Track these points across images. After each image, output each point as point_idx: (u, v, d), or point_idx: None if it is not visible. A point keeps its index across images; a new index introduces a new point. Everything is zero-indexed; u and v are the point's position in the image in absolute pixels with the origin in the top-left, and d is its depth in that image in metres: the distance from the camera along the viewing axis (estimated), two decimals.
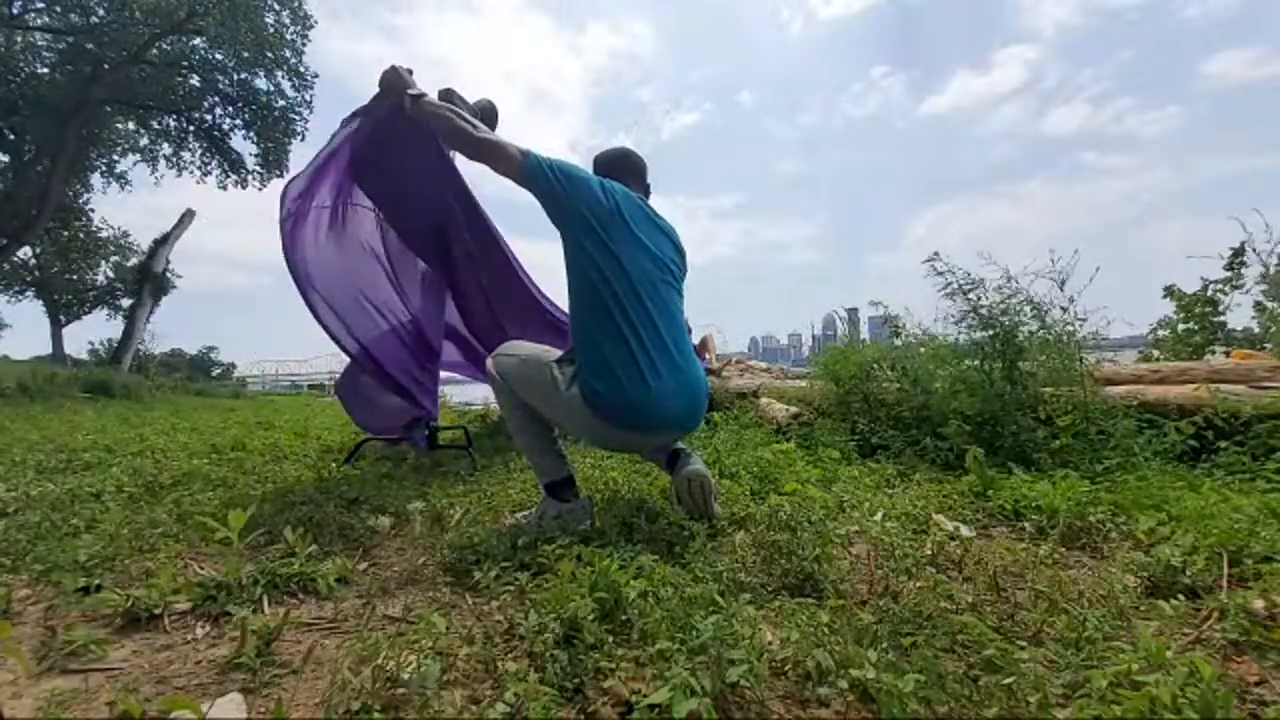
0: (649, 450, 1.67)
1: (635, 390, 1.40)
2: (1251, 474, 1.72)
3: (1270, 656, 0.85)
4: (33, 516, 1.45)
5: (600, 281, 1.44)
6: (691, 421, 1.57)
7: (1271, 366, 2.17)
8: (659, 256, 1.55)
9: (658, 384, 1.42)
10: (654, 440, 1.56)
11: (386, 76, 1.89)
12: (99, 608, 0.97)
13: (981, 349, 2.47)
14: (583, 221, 1.46)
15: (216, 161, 15.10)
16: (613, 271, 1.44)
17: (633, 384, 1.40)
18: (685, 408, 1.50)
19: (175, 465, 2.18)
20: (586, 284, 1.45)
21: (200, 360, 25.75)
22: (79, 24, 12.43)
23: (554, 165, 1.52)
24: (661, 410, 1.44)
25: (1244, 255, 3.49)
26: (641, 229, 1.53)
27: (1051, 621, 0.95)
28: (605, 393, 1.41)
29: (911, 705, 0.69)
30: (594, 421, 1.45)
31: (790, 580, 1.12)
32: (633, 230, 1.51)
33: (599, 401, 1.42)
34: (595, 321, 1.44)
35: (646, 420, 1.44)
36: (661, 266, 1.54)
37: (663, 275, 1.54)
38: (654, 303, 1.47)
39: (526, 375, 1.55)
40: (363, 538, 1.37)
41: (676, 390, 1.46)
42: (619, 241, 1.47)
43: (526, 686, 0.72)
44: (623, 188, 1.57)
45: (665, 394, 1.44)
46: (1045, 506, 1.55)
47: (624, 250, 1.47)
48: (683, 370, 1.49)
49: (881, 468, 2.22)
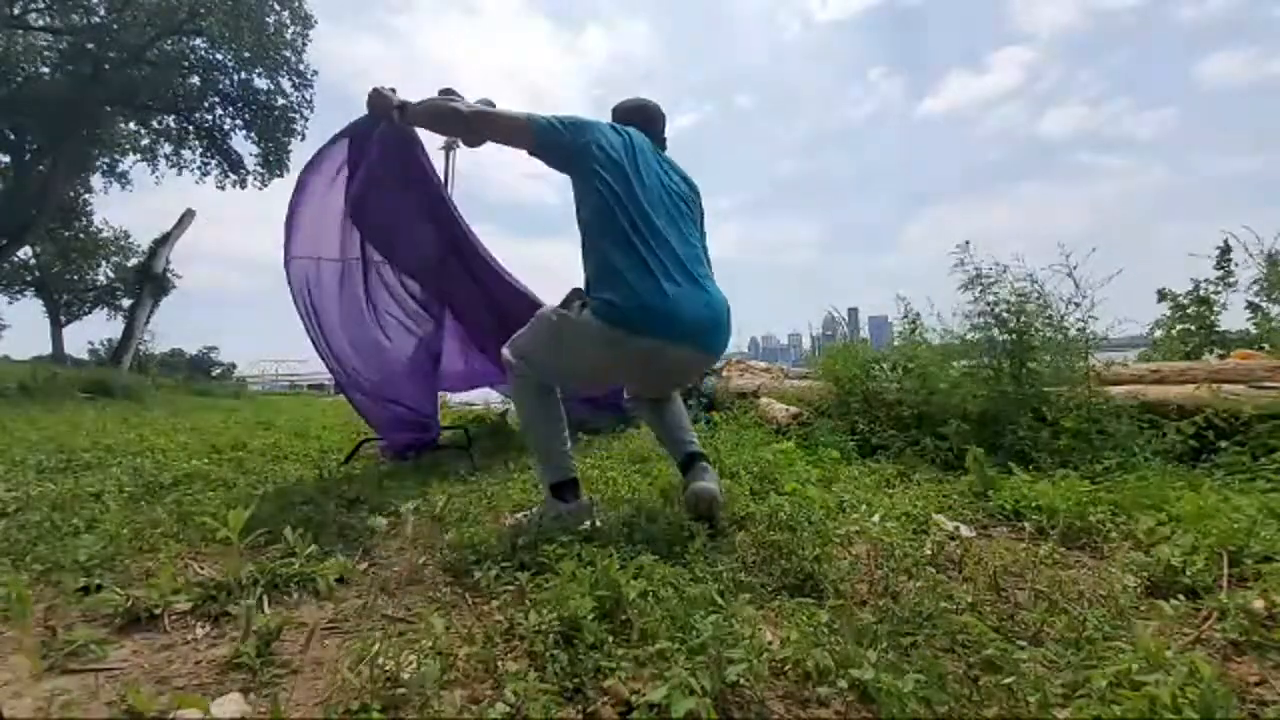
0: (667, 415, 1.62)
1: (651, 294, 1.37)
2: (1251, 474, 1.72)
3: (1270, 656, 0.85)
4: (33, 516, 1.44)
5: (614, 201, 1.42)
6: (714, 339, 1.49)
7: (1271, 366, 2.17)
8: (674, 189, 1.54)
9: (675, 290, 1.39)
10: (676, 356, 1.45)
11: (371, 100, 1.92)
12: (99, 608, 0.97)
13: (994, 346, 2.47)
14: (595, 156, 1.45)
15: (216, 161, 15.10)
16: (627, 194, 1.43)
17: (648, 289, 1.37)
18: (707, 319, 1.45)
19: (175, 465, 2.18)
20: (599, 209, 1.43)
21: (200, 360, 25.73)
22: (79, 24, 12.43)
23: (560, 119, 1.50)
24: (681, 315, 1.39)
25: (1231, 253, 3.49)
26: (656, 165, 1.53)
27: (1051, 621, 0.95)
28: (620, 300, 1.37)
29: (911, 705, 0.69)
30: (610, 339, 1.39)
31: (790, 580, 1.12)
32: (648, 162, 1.51)
33: (614, 312, 1.37)
34: (609, 239, 1.41)
35: (666, 325, 1.38)
36: (676, 198, 1.53)
37: (678, 206, 1.52)
38: (670, 225, 1.46)
39: (535, 334, 1.54)
40: (363, 538, 1.37)
41: (695, 300, 1.42)
42: (633, 172, 1.46)
43: (526, 686, 0.72)
44: (639, 131, 1.57)
45: (684, 299, 1.40)
46: (1045, 506, 1.55)
47: (638, 179, 1.46)
48: (703, 287, 1.45)
49: (881, 468, 2.22)
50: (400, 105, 1.82)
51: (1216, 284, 3.61)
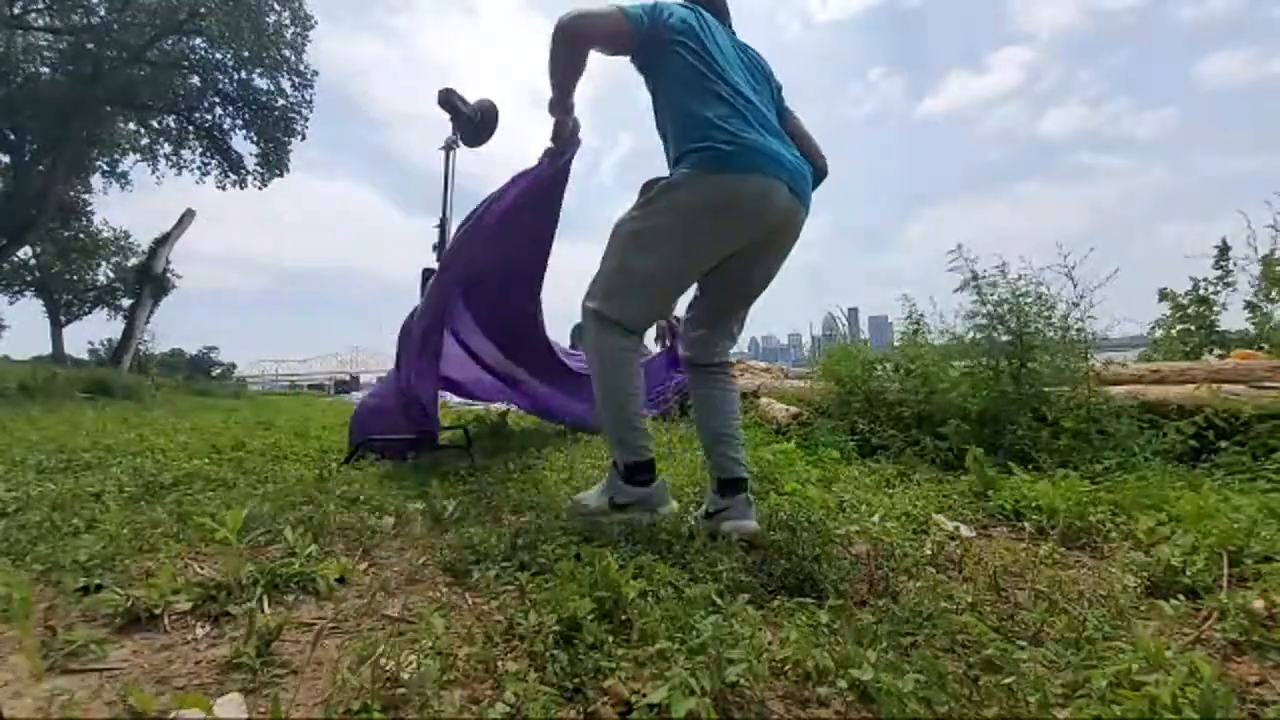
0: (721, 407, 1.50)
1: (750, 135, 1.35)
2: (1251, 474, 1.72)
3: (1270, 656, 0.85)
4: (33, 516, 1.44)
5: (699, 64, 1.40)
6: (808, 188, 1.45)
7: (1271, 366, 2.17)
8: (751, 63, 1.53)
9: (764, 138, 1.37)
10: (781, 206, 1.38)
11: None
12: (99, 608, 0.97)
13: (994, 346, 2.47)
14: (674, 28, 1.43)
15: (216, 161, 15.12)
16: (709, 59, 1.41)
17: (746, 131, 1.35)
18: (801, 166, 1.42)
19: (175, 465, 2.18)
20: (685, 78, 1.41)
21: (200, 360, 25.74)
22: (79, 24, 12.44)
23: (640, 7, 1.46)
24: (780, 156, 1.37)
25: (1229, 252, 3.50)
26: (728, 40, 1.53)
27: (1051, 621, 0.95)
28: (722, 141, 1.33)
29: (911, 705, 0.69)
30: (713, 188, 1.33)
31: (790, 580, 1.12)
32: (722, 35, 1.51)
33: (718, 156, 1.33)
34: (698, 100, 1.39)
35: (772, 162, 1.35)
36: (754, 69, 1.52)
37: (755, 76, 1.52)
38: (752, 92, 1.45)
39: (610, 259, 1.46)
40: (363, 538, 1.37)
41: (787, 148, 1.41)
42: (709, 40, 1.45)
43: (526, 686, 0.72)
44: (705, 10, 1.55)
45: (778, 145, 1.39)
46: (1045, 506, 1.55)
47: (715, 47, 1.45)
48: (790, 146, 1.44)
49: (881, 468, 2.22)
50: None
51: (1215, 284, 3.62)
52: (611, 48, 1.48)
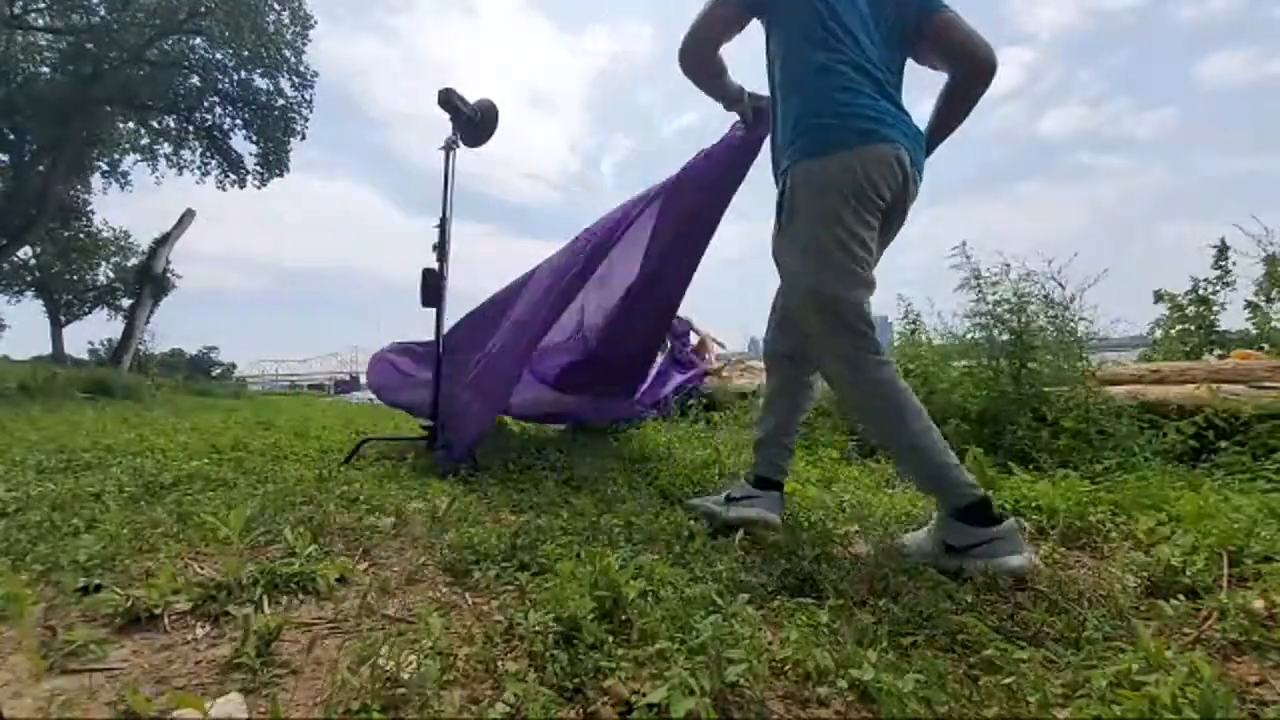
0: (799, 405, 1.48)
1: (873, 100, 1.31)
2: (1251, 474, 1.72)
3: (1270, 656, 0.85)
4: (33, 516, 1.44)
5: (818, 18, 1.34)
6: (923, 159, 1.41)
7: (1271, 366, 2.17)
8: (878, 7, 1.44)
9: (889, 104, 1.34)
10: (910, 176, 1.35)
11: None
12: (99, 608, 0.97)
13: (994, 346, 2.48)
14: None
15: (216, 161, 15.12)
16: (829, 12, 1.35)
17: (866, 96, 1.31)
18: (914, 133, 1.37)
19: (175, 465, 2.17)
20: (807, 33, 1.36)
21: (200, 360, 25.74)
22: (79, 24, 12.44)
23: None
24: (900, 123, 1.33)
25: (1230, 251, 3.51)
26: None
27: (1051, 621, 0.95)
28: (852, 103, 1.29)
29: (911, 705, 0.69)
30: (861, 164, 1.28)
31: (790, 580, 1.12)
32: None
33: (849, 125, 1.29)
34: (810, 68, 1.34)
35: (899, 129, 1.31)
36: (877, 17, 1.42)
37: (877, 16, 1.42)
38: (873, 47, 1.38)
39: (811, 231, 1.35)
40: (362, 538, 1.37)
41: (905, 117, 1.36)
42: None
43: (526, 686, 0.72)
44: None
45: (897, 112, 1.35)
46: (1045, 506, 1.55)
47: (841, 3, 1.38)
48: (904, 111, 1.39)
49: (881, 468, 2.22)
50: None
51: (1215, 284, 3.62)
52: (726, 28, 1.48)
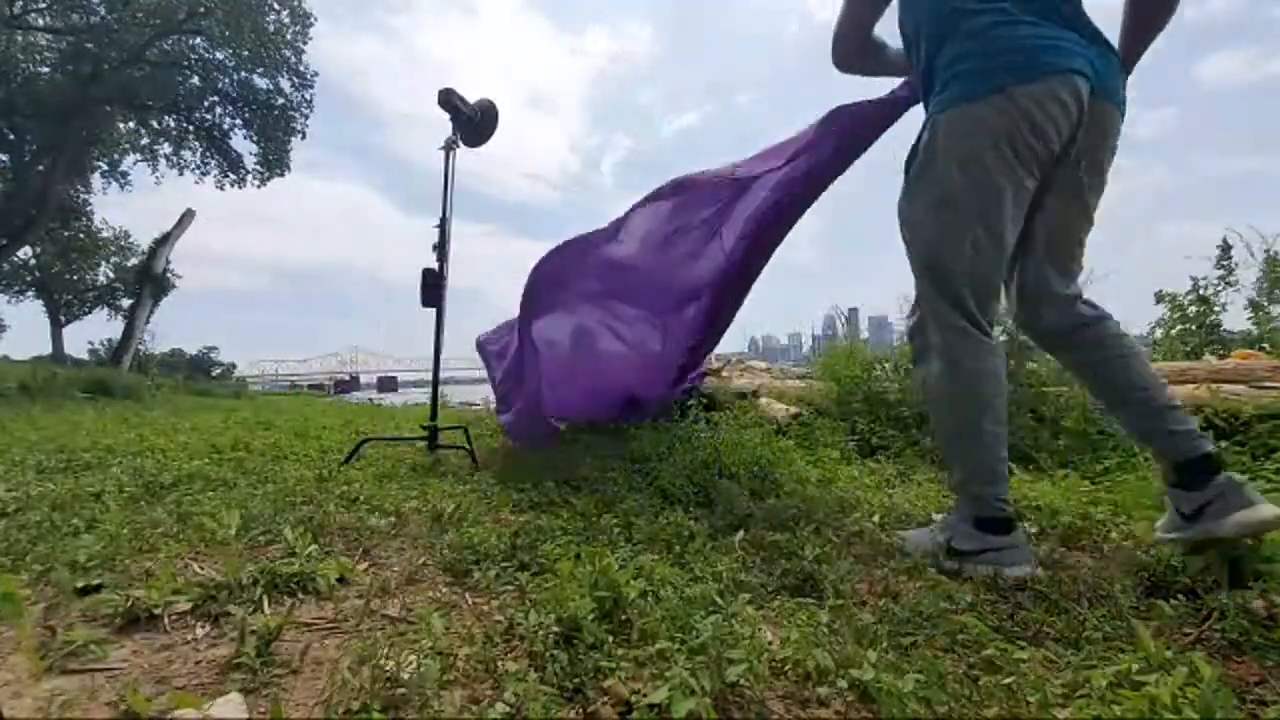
0: (1122, 369, 1.23)
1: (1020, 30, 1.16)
2: (1251, 474, 1.72)
3: (1270, 656, 0.85)
4: (33, 516, 1.44)
5: None
6: (1118, 82, 1.22)
7: (1271, 366, 2.17)
8: None
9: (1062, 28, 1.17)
10: (1097, 110, 1.18)
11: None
12: (99, 608, 0.97)
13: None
14: None
15: (216, 161, 15.12)
16: None
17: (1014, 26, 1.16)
18: (1099, 55, 1.18)
19: (175, 465, 2.17)
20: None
21: (200, 360, 25.73)
22: (79, 24, 12.44)
23: None
24: (1074, 49, 1.15)
25: (1232, 251, 3.50)
26: None
27: (1051, 621, 0.95)
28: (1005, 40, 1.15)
29: (911, 705, 0.69)
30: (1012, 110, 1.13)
31: (790, 580, 1.12)
32: None
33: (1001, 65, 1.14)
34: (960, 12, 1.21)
35: (1070, 57, 1.14)
36: None
37: None
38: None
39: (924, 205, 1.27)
40: (362, 538, 1.37)
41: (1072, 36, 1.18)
42: None
43: (526, 686, 0.72)
44: None
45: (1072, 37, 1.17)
46: (1045, 506, 1.55)
47: None
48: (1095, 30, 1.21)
49: (881, 468, 2.22)
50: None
51: (1217, 283, 3.62)
52: (875, 9, 1.47)
